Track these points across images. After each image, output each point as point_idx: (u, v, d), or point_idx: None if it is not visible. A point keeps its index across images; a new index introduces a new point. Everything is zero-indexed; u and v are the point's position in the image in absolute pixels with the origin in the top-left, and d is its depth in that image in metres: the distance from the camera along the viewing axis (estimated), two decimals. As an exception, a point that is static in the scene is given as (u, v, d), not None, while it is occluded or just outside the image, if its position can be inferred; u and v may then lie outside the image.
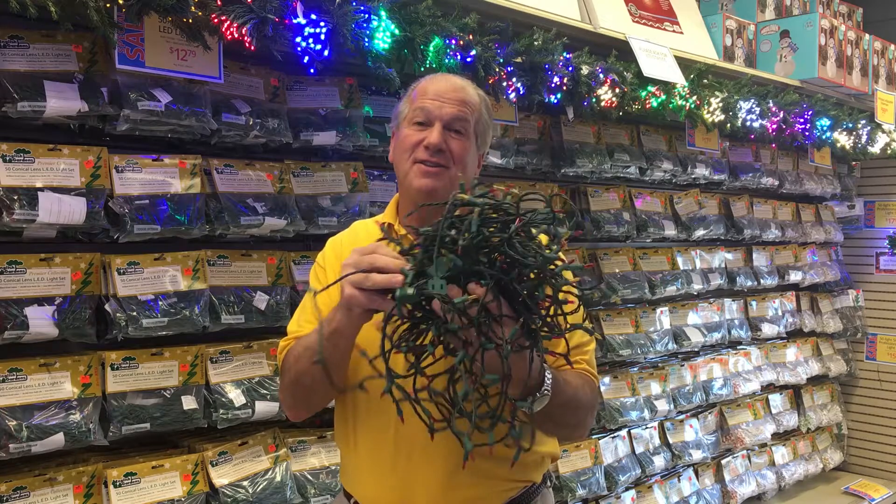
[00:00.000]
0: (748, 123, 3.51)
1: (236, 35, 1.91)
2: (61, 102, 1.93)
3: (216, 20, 1.88)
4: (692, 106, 3.22)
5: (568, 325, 1.29)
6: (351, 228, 1.82)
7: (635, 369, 3.54)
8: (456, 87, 1.64)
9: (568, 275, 1.28)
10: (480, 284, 1.20)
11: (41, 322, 1.93)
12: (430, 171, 1.59)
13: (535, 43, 2.60)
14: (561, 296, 1.26)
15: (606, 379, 3.34)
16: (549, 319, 1.27)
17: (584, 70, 2.76)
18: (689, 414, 3.76)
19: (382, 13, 2.15)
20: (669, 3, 3.53)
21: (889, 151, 4.47)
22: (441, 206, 1.28)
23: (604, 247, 3.47)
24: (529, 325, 1.24)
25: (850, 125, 4.11)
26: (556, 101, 2.73)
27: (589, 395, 1.61)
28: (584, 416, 1.61)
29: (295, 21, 1.97)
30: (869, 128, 4.24)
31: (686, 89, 3.18)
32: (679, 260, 3.73)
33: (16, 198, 1.87)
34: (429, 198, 1.61)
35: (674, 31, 3.48)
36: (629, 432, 3.43)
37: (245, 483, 2.21)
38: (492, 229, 1.22)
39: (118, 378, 2.06)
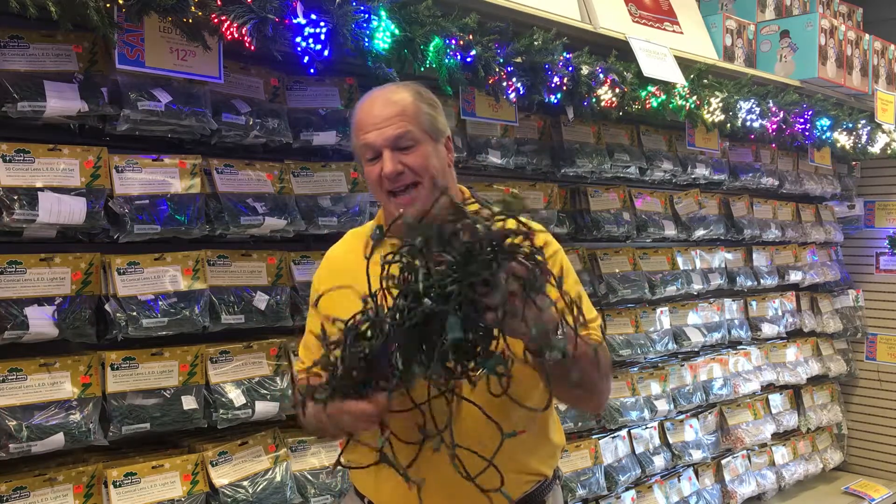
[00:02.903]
0: (748, 123, 3.51)
1: (236, 35, 1.91)
2: (61, 102, 1.93)
3: (216, 20, 1.88)
4: (692, 106, 3.22)
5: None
6: (344, 239, 1.83)
7: (635, 369, 3.53)
8: (386, 104, 1.61)
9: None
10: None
11: (41, 322, 1.93)
12: (405, 200, 1.59)
13: (535, 43, 2.59)
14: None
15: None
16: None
17: (584, 70, 2.76)
18: (689, 414, 3.76)
19: (382, 13, 2.14)
20: (669, 3, 3.53)
21: (889, 151, 4.47)
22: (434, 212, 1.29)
23: (604, 247, 3.47)
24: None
25: (850, 125, 4.10)
26: (556, 101, 2.73)
27: (601, 355, 1.61)
28: (596, 378, 1.60)
29: (295, 21, 1.97)
30: (869, 128, 4.24)
31: (686, 89, 3.18)
32: (679, 260, 3.73)
33: (16, 198, 1.87)
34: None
35: (674, 31, 3.47)
36: (629, 432, 3.43)
37: (245, 483, 2.21)
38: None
39: (118, 378, 2.06)
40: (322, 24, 2.01)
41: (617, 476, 3.25)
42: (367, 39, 2.11)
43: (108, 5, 1.76)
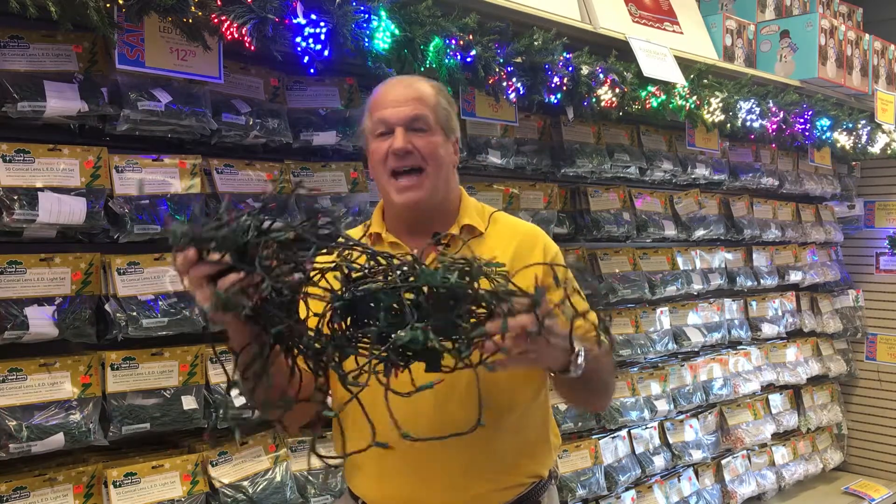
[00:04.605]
0: (748, 123, 3.51)
1: (236, 35, 1.91)
2: (61, 102, 1.93)
3: (216, 20, 1.88)
4: (692, 106, 3.22)
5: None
6: None
7: (635, 369, 3.54)
8: (407, 87, 1.64)
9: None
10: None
11: (41, 322, 1.93)
12: (407, 185, 1.59)
13: (535, 43, 2.60)
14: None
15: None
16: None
17: (584, 70, 2.76)
18: (689, 414, 3.76)
19: (382, 13, 2.14)
20: (669, 3, 3.53)
21: (889, 151, 4.47)
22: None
23: (604, 247, 3.47)
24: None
25: (850, 125, 4.11)
26: (556, 101, 2.73)
27: (609, 360, 1.64)
28: (607, 380, 1.65)
29: (295, 21, 1.97)
30: (869, 128, 4.24)
31: (686, 89, 3.18)
32: (679, 260, 3.73)
33: (16, 198, 1.87)
34: (413, 210, 1.62)
35: (674, 31, 3.48)
36: (629, 432, 3.43)
37: (245, 483, 2.21)
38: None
39: (118, 378, 2.06)
40: (322, 24, 2.01)
41: (617, 476, 3.25)
42: (367, 39, 2.11)
43: (108, 5, 1.76)
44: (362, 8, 2.10)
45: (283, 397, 1.26)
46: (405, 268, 1.25)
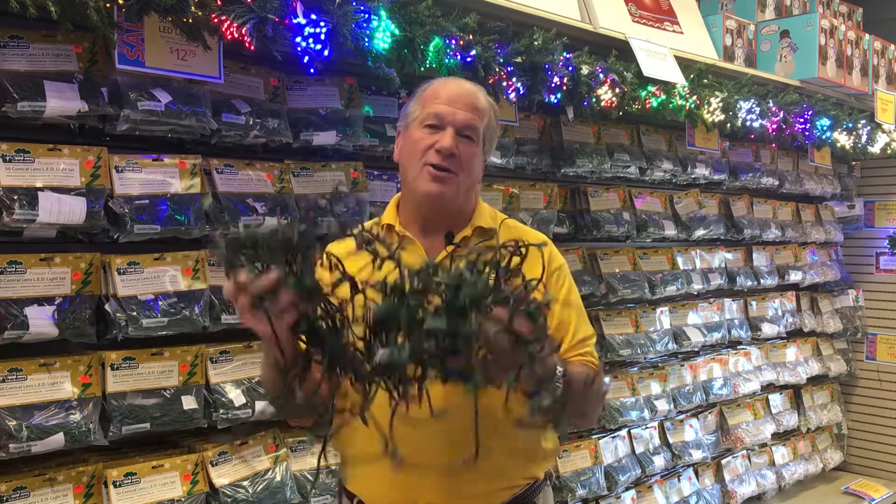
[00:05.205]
0: (748, 123, 3.51)
1: (236, 35, 1.91)
2: (61, 102, 1.93)
3: (216, 20, 1.88)
4: (692, 106, 3.22)
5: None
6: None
7: (635, 369, 3.53)
8: (468, 93, 1.67)
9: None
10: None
11: (41, 322, 1.93)
12: (439, 175, 1.60)
13: (535, 43, 2.60)
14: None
15: (606, 379, 3.34)
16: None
17: (584, 70, 2.76)
18: (689, 414, 3.76)
19: (382, 13, 2.15)
20: (669, 3, 3.53)
21: (889, 151, 4.47)
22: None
23: (604, 247, 3.47)
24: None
25: (850, 125, 4.11)
26: (556, 101, 2.73)
27: (598, 384, 1.64)
28: (595, 404, 1.66)
29: (295, 21, 1.97)
30: (869, 128, 4.24)
31: (686, 89, 3.18)
32: (679, 260, 3.73)
33: (16, 198, 1.87)
34: (435, 203, 1.63)
35: (674, 31, 3.48)
36: (629, 432, 3.43)
37: (245, 483, 2.21)
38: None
39: (118, 378, 2.06)
40: (322, 24, 2.01)
41: (617, 476, 3.26)
42: (367, 39, 2.12)
43: (108, 5, 1.76)
44: (362, 8, 2.10)
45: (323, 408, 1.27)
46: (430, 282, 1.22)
